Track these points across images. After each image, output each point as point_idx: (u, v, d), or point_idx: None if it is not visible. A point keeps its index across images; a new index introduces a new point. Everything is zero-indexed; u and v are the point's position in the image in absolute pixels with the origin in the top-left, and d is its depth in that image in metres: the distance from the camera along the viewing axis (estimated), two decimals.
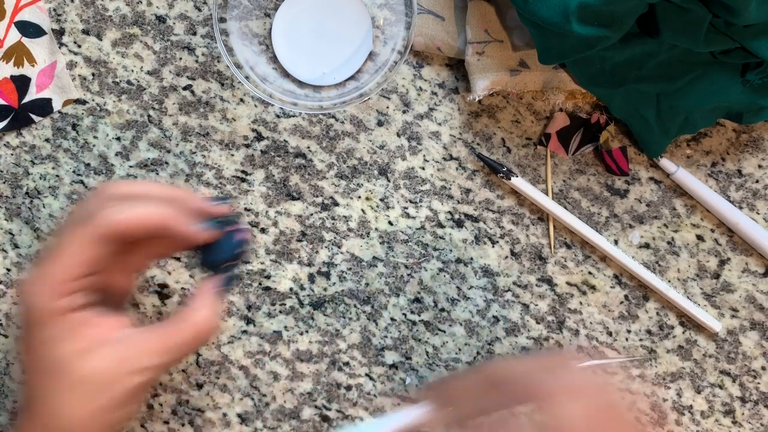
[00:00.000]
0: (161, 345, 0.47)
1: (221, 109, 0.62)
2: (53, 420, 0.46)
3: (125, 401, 0.47)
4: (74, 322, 0.46)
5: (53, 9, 0.62)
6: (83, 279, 0.46)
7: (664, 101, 0.59)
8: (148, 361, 0.47)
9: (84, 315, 0.47)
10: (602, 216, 0.62)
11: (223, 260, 0.50)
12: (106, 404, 0.46)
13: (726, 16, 0.53)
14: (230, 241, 0.50)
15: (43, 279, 0.46)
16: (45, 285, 0.46)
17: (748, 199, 0.62)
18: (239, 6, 0.60)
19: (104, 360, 0.46)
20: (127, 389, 0.46)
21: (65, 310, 0.46)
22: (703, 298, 0.62)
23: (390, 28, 0.60)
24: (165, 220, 0.47)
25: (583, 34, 0.53)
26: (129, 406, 0.47)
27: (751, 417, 0.62)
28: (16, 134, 0.62)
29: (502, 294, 0.62)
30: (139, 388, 0.47)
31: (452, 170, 0.62)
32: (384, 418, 0.49)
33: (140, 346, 0.47)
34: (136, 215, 0.46)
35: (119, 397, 0.46)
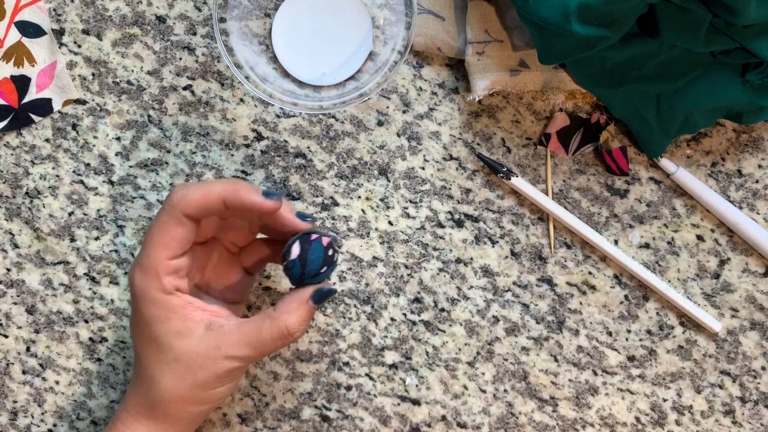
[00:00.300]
0: (248, 339, 0.51)
1: (221, 109, 0.62)
2: (153, 389, 0.52)
3: (216, 382, 0.52)
4: (174, 305, 0.51)
5: (53, 9, 0.62)
6: (177, 260, 0.51)
7: (664, 101, 0.59)
8: (236, 351, 0.51)
9: (184, 299, 0.51)
10: (602, 216, 0.62)
11: (311, 271, 0.52)
12: (199, 382, 0.51)
13: (726, 16, 0.53)
14: (317, 251, 0.52)
15: (142, 264, 0.51)
16: (143, 268, 0.51)
17: (748, 199, 0.62)
18: (239, 6, 0.60)
19: (198, 343, 0.51)
20: (217, 372, 0.51)
21: (164, 291, 0.51)
22: (703, 298, 0.62)
23: (390, 28, 0.60)
24: (234, 191, 0.50)
25: (583, 34, 0.53)
26: (221, 387, 0.53)
27: (751, 417, 0.62)
28: (16, 134, 0.62)
29: (502, 294, 0.62)
30: (229, 373, 0.52)
31: (452, 170, 0.62)
32: None
33: (231, 336, 0.51)
34: (206, 189, 0.50)
35: (210, 377, 0.51)
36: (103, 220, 0.62)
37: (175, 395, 0.52)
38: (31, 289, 0.62)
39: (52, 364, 0.62)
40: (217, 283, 0.57)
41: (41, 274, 0.62)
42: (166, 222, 0.51)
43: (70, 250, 0.62)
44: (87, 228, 0.62)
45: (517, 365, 0.62)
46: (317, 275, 0.52)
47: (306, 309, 0.52)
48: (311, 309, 0.52)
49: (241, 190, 0.50)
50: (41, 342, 0.62)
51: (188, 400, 0.52)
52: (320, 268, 0.52)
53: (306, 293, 0.52)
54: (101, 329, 0.62)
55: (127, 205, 0.62)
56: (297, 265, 0.52)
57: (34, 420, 0.63)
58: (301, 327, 0.52)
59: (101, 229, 0.62)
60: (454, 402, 0.62)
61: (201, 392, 0.52)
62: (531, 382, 0.62)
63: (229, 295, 0.57)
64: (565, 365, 0.62)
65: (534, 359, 0.62)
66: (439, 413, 0.62)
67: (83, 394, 0.63)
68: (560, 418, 0.62)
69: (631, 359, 0.62)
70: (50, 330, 0.62)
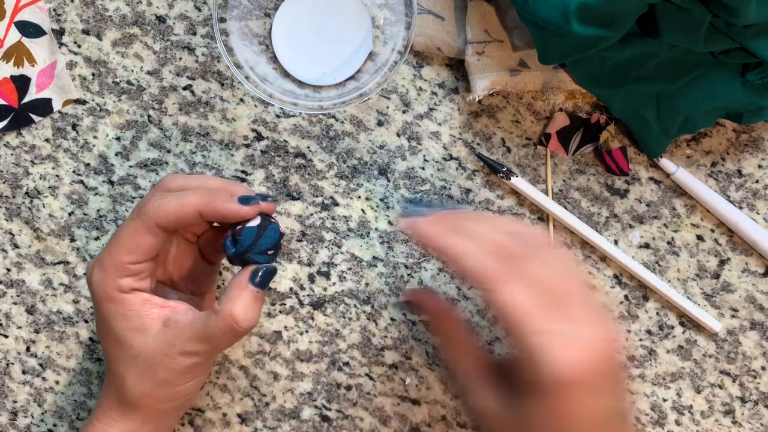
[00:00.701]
0: (198, 334, 0.50)
1: (221, 109, 0.62)
2: (120, 386, 0.52)
3: (178, 378, 0.51)
4: (131, 302, 0.51)
5: (53, 9, 0.62)
6: (139, 264, 0.51)
7: (664, 101, 0.59)
8: (189, 346, 0.50)
9: (141, 296, 0.51)
10: (602, 216, 0.62)
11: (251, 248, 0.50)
12: (160, 380, 0.51)
13: (726, 16, 0.53)
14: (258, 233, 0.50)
15: (102, 262, 0.51)
16: (103, 268, 0.51)
17: (748, 199, 0.62)
18: (239, 6, 0.60)
19: (155, 341, 0.50)
20: (176, 369, 0.51)
21: (122, 290, 0.50)
22: (703, 298, 0.62)
23: (390, 28, 0.60)
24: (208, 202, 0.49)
25: (583, 34, 0.53)
26: (186, 383, 0.52)
27: (751, 417, 0.62)
28: (16, 134, 0.62)
29: None
30: (190, 369, 0.51)
31: (452, 170, 0.62)
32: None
33: (184, 332, 0.50)
34: (181, 202, 0.49)
35: (170, 374, 0.51)
36: (103, 220, 0.62)
37: (140, 392, 0.52)
38: (31, 289, 0.62)
39: (52, 364, 0.62)
40: (180, 276, 0.56)
41: (41, 274, 0.62)
42: (137, 229, 0.50)
43: (70, 250, 0.62)
44: (87, 228, 0.62)
45: None
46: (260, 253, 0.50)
47: (249, 294, 0.49)
48: (254, 293, 0.49)
49: (216, 201, 0.49)
50: (41, 342, 0.62)
51: (154, 397, 0.52)
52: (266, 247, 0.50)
53: (243, 277, 0.49)
54: None
55: (127, 205, 0.62)
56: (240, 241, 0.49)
57: (34, 420, 0.63)
58: (248, 314, 0.49)
59: (101, 229, 0.62)
60: (454, 402, 0.62)
61: (165, 389, 0.52)
62: None
63: (193, 287, 0.56)
64: None
65: None
66: (439, 413, 0.62)
67: (83, 394, 0.63)
68: None
69: (630, 359, 0.62)
70: (50, 330, 0.62)
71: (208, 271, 0.57)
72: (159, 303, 0.51)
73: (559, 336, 0.41)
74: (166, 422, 0.54)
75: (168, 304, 0.52)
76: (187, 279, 0.56)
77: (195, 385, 0.53)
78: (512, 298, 0.41)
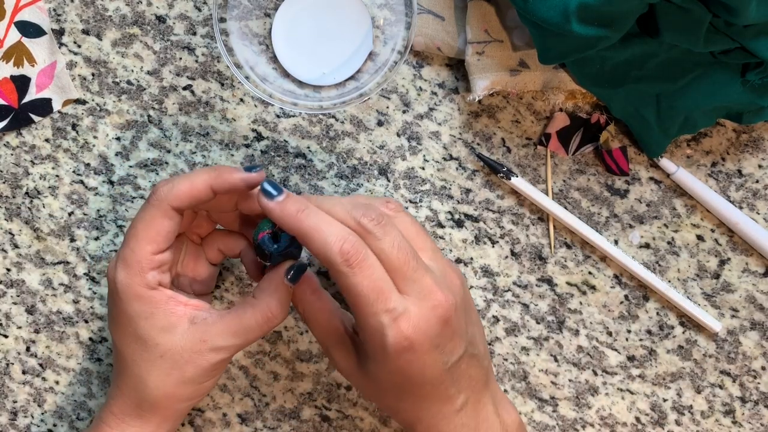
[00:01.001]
0: (233, 328, 0.51)
1: (221, 109, 0.62)
2: (139, 388, 0.52)
3: (204, 376, 0.52)
4: (157, 300, 0.51)
5: (53, 9, 0.62)
6: (161, 255, 0.51)
7: (664, 101, 0.59)
8: (222, 341, 0.51)
9: (166, 294, 0.52)
10: (602, 216, 0.62)
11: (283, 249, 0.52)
12: (187, 378, 0.51)
13: (726, 16, 0.53)
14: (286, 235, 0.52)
15: (125, 260, 0.51)
16: (127, 263, 0.51)
17: (748, 199, 0.62)
18: (239, 6, 0.60)
19: (183, 338, 0.51)
20: (204, 366, 0.51)
21: (148, 286, 0.51)
22: (703, 298, 0.62)
23: (390, 28, 0.60)
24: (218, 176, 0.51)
25: (583, 34, 0.53)
26: (207, 381, 0.53)
27: (751, 417, 0.62)
28: (16, 134, 0.62)
29: (502, 294, 0.62)
30: (216, 366, 0.52)
31: (452, 170, 0.62)
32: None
33: (215, 327, 0.51)
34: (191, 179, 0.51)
35: (198, 372, 0.51)
36: (103, 220, 0.62)
37: (163, 393, 0.52)
38: (31, 289, 0.62)
39: (52, 364, 0.62)
40: (187, 277, 0.57)
41: (41, 274, 0.62)
42: (154, 216, 0.51)
43: (70, 250, 0.62)
44: (87, 228, 0.62)
45: (517, 365, 0.62)
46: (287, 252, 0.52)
47: (284, 290, 0.51)
48: (288, 289, 0.52)
49: (224, 173, 0.51)
50: (41, 342, 0.62)
51: (176, 397, 0.52)
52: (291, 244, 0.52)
53: (280, 273, 0.52)
54: (101, 329, 0.62)
55: (127, 205, 0.62)
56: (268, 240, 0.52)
57: (34, 420, 0.63)
58: (283, 308, 0.52)
59: (101, 229, 0.62)
60: None
61: (188, 388, 0.52)
62: (531, 382, 0.62)
63: (197, 288, 0.57)
64: (565, 365, 0.62)
65: (534, 359, 0.62)
66: None
67: (83, 394, 0.63)
68: (560, 418, 0.62)
69: (631, 359, 0.62)
70: (50, 330, 0.62)
71: (212, 272, 0.58)
72: (183, 301, 0.52)
73: (395, 314, 0.47)
74: (178, 422, 0.55)
75: (191, 302, 0.52)
76: (193, 280, 0.57)
77: (213, 383, 0.54)
78: (360, 282, 0.47)
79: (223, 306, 0.62)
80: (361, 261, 0.47)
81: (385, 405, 0.53)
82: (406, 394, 0.51)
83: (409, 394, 0.50)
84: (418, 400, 0.51)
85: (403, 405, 0.51)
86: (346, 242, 0.47)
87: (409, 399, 0.51)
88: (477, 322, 0.54)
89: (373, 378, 0.51)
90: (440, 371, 0.49)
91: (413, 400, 0.51)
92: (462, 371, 0.51)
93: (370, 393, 0.53)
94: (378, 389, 0.52)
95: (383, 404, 0.53)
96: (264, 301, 0.51)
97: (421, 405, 0.51)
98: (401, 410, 0.52)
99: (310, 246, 0.48)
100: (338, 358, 0.53)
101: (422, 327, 0.48)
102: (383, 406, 0.54)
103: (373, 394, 0.53)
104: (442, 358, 0.49)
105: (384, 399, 0.52)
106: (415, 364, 0.48)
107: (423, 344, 0.48)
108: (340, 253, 0.47)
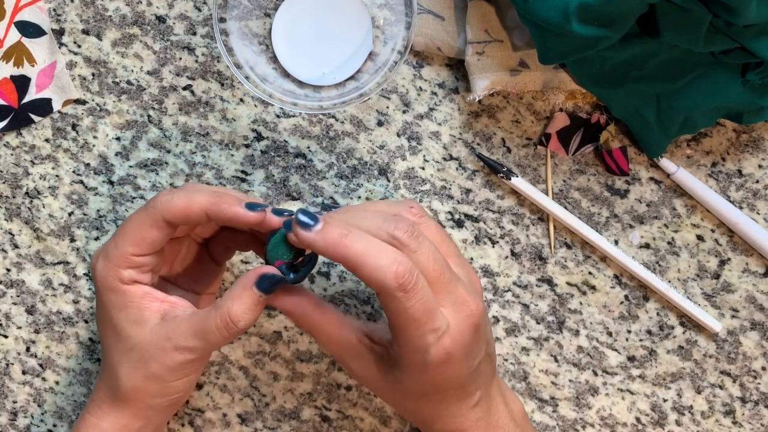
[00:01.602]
0: (195, 329, 0.50)
1: (221, 109, 0.62)
2: (113, 377, 0.52)
3: (169, 374, 0.51)
4: (132, 294, 0.51)
5: (53, 9, 0.62)
6: (144, 257, 0.51)
7: (664, 101, 0.59)
8: (184, 341, 0.50)
9: (142, 289, 0.51)
10: (602, 216, 0.62)
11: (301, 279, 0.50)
12: (152, 374, 0.51)
13: (726, 16, 0.53)
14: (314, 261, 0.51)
15: (107, 252, 0.52)
16: (108, 256, 0.51)
17: (749, 199, 0.62)
18: (239, 6, 0.60)
19: (151, 333, 0.51)
20: (168, 364, 0.51)
21: (123, 281, 0.51)
22: (703, 299, 0.62)
23: (390, 28, 0.60)
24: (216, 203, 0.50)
25: (583, 34, 0.53)
26: (177, 381, 0.52)
27: (751, 417, 0.62)
28: (16, 134, 0.62)
29: (502, 294, 0.62)
30: (182, 366, 0.51)
31: (452, 170, 0.62)
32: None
33: (180, 326, 0.50)
34: (190, 199, 0.50)
35: (162, 369, 0.51)
36: (103, 220, 0.62)
37: (132, 385, 0.52)
38: (31, 289, 0.62)
39: (52, 364, 0.62)
40: (185, 275, 0.56)
41: (41, 274, 0.62)
42: (144, 221, 0.51)
43: (70, 250, 0.62)
44: (87, 228, 0.62)
45: (518, 365, 0.62)
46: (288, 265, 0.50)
47: (250, 296, 0.49)
48: (257, 297, 0.49)
49: (223, 203, 0.49)
50: (41, 342, 0.62)
51: (144, 391, 0.52)
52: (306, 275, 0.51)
53: (249, 278, 0.49)
54: None
55: (127, 205, 0.62)
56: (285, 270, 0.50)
57: (34, 420, 0.63)
58: (246, 316, 0.49)
59: (101, 229, 0.62)
60: None
61: (155, 384, 0.52)
62: (531, 383, 0.62)
63: (197, 287, 0.57)
64: (565, 365, 0.62)
65: (534, 359, 0.62)
66: None
67: (83, 394, 0.63)
68: (560, 419, 0.62)
69: (631, 359, 0.62)
70: (50, 330, 0.62)
71: (214, 271, 0.57)
72: (159, 297, 0.52)
73: (440, 333, 0.47)
74: (157, 419, 0.54)
75: (168, 299, 0.52)
76: (191, 278, 0.57)
77: (186, 383, 0.53)
78: (413, 306, 0.46)
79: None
80: (414, 285, 0.46)
81: (404, 408, 0.53)
82: (430, 400, 0.51)
83: (432, 400, 0.51)
84: (441, 402, 0.51)
85: (424, 407, 0.52)
86: (400, 266, 0.45)
87: (432, 402, 0.51)
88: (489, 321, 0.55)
89: (401, 387, 0.51)
90: (467, 376, 0.50)
91: (435, 403, 0.51)
92: (481, 370, 0.51)
93: (391, 398, 0.53)
94: (403, 396, 0.52)
95: (403, 408, 0.53)
96: (225, 305, 0.49)
97: (440, 405, 0.51)
98: (420, 411, 0.52)
99: (360, 272, 0.46)
100: (356, 368, 0.52)
101: (458, 339, 0.48)
102: (403, 409, 0.54)
103: (395, 399, 0.53)
104: (470, 363, 0.50)
105: (406, 403, 0.52)
106: (448, 374, 0.49)
107: (458, 355, 0.48)
108: (395, 278, 0.45)
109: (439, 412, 0.51)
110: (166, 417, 0.55)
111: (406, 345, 0.48)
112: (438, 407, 0.51)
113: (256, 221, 0.50)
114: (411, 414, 0.53)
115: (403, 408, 0.53)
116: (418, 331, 0.47)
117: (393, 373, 0.50)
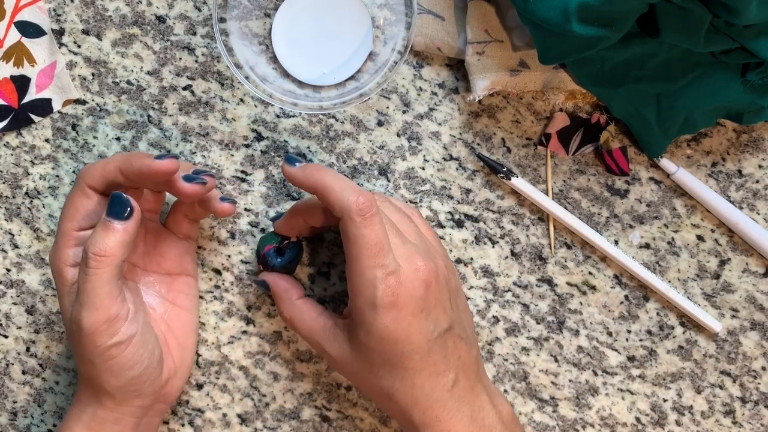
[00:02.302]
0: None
1: (221, 109, 0.62)
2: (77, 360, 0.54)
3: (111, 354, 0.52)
4: (72, 278, 0.53)
5: (53, 9, 0.62)
6: (82, 231, 0.54)
7: (664, 101, 0.59)
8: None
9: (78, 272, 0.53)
10: (602, 216, 0.62)
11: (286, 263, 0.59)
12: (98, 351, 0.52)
13: (726, 16, 0.53)
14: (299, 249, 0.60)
15: (55, 238, 0.54)
16: (55, 242, 0.54)
17: (749, 199, 0.62)
18: (239, 6, 0.60)
19: (86, 319, 0.51)
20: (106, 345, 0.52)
21: (66, 262, 0.53)
22: (703, 299, 0.62)
23: (390, 28, 0.60)
24: (126, 159, 0.53)
25: (583, 34, 0.53)
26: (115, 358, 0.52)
27: (751, 417, 0.62)
28: (16, 134, 0.62)
29: (502, 294, 0.62)
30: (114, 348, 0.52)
31: (452, 170, 0.62)
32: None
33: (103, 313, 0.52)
34: (105, 162, 0.53)
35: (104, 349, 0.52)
36: None
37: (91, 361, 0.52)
38: (31, 289, 0.62)
39: (52, 364, 0.62)
40: (151, 256, 0.58)
41: (41, 274, 0.62)
42: (74, 194, 0.54)
43: None
44: None
45: (518, 365, 0.62)
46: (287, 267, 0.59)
47: (101, 225, 0.51)
48: (107, 225, 0.51)
49: (133, 159, 0.53)
50: (41, 342, 0.62)
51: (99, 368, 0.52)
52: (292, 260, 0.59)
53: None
54: None
55: None
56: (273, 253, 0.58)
57: (34, 420, 0.63)
58: (98, 245, 0.50)
59: None
60: None
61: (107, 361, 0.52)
62: (531, 383, 0.62)
63: (168, 266, 0.59)
64: (565, 365, 0.62)
65: (534, 359, 0.62)
66: None
67: None
68: (560, 419, 0.62)
69: (631, 359, 0.62)
70: (50, 330, 0.62)
71: (181, 249, 0.59)
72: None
73: (387, 270, 0.50)
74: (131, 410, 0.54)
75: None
76: (161, 259, 0.58)
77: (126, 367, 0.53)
78: (367, 234, 0.50)
79: (222, 307, 0.62)
80: (372, 215, 0.51)
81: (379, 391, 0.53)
82: (396, 369, 0.52)
83: (399, 368, 0.52)
84: (409, 374, 0.52)
85: (396, 384, 0.52)
86: (362, 196, 0.51)
87: (400, 373, 0.52)
88: (465, 310, 0.56)
89: (365, 353, 0.52)
90: (426, 339, 0.51)
91: (404, 374, 0.52)
92: (450, 348, 0.53)
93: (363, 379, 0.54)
94: (371, 368, 0.53)
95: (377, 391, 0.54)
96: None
97: (413, 382, 0.52)
98: (395, 391, 0.53)
99: (329, 196, 0.51)
100: (330, 348, 0.55)
101: (407, 286, 0.51)
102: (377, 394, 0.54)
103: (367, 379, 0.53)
104: (428, 325, 0.51)
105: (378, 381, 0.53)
106: (401, 324, 0.51)
107: (408, 303, 0.51)
108: (356, 202, 0.50)
109: (414, 391, 0.52)
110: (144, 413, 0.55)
111: (358, 278, 0.51)
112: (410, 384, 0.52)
113: (167, 168, 0.52)
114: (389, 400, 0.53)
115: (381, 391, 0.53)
116: (369, 261, 0.50)
117: (357, 336, 0.52)
